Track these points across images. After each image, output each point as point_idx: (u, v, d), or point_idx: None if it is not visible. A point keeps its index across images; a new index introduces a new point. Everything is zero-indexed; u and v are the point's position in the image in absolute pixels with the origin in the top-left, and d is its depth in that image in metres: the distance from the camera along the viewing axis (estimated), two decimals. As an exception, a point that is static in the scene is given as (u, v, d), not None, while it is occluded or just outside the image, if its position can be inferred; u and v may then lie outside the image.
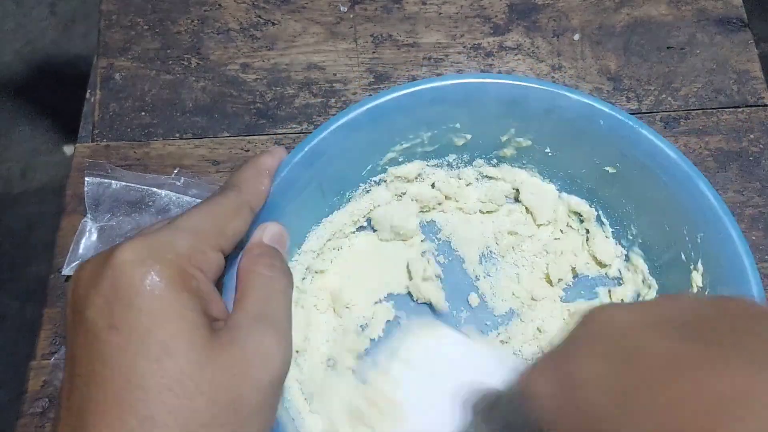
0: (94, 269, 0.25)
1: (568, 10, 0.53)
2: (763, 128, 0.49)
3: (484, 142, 0.41)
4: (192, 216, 0.27)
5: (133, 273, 0.24)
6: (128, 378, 0.23)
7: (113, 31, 0.52)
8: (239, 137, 0.48)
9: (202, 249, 0.26)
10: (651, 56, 0.51)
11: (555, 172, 0.42)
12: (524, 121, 0.39)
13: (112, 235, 0.44)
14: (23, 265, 1.12)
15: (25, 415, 0.40)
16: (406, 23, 0.52)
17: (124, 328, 0.23)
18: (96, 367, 0.23)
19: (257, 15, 0.52)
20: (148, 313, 0.23)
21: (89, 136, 0.48)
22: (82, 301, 0.24)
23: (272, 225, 0.31)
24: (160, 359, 0.23)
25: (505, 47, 0.52)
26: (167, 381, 0.23)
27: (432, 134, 0.39)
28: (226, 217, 0.28)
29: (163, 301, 0.24)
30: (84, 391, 0.23)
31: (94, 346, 0.23)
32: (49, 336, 0.42)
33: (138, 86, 0.50)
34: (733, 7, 0.53)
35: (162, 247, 0.25)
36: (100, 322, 0.23)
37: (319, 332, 0.39)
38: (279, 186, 0.33)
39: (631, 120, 0.37)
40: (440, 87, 0.37)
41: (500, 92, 0.37)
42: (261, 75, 0.50)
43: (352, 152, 0.38)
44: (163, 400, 0.22)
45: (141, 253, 0.24)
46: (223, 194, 0.29)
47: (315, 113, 0.49)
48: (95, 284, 0.24)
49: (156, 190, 0.45)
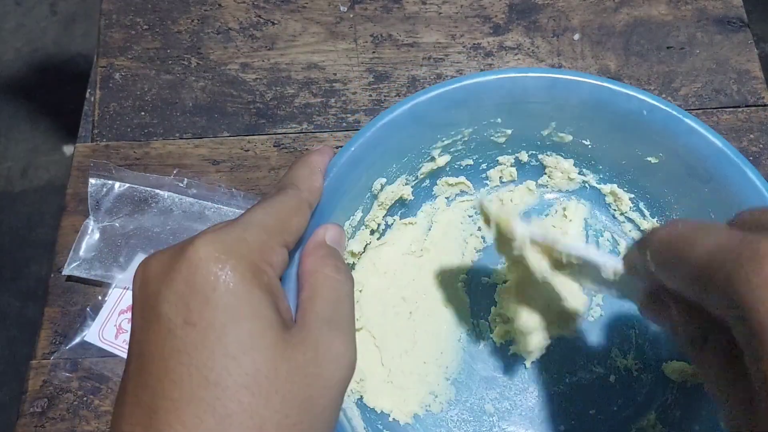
0: (165, 265, 0.24)
1: (568, 10, 0.53)
2: (762, 128, 0.49)
3: (525, 137, 0.41)
4: (257, 212, 0.27)
5: (208, 268, 0.23)
6: (205, 375, 0.22)
7: (113, 31, 0.52)
8: (239, 137, 0.48)
9: (271, 245, 0.26)
10: (651, 56, 0.51)
11: (594, 165, 0.42)
12: (565, 115, 0.39)
13: (114, 235, 0.44)
14: (23, 264, 1.13)
15: (24, 415, 0.40)
16: (406, 23, 0.52)
17: (200, 324, 0.23)
18: (170, 363, 0.23)
19: (257, 15, 0.53)
20: (224, 309, 0.23)
21: (89, 136, 0.48)
22: (154, 297, 0.24)
23: (333, 226, 0.31)
24: (237, 357, 0.23)
25: (505, 47, 0.52)
26: (244, 379, 0.23)
27: (473, 129, 0.39)
28: (288, 213, 0.28)
29: (239, 297, 0.24)
30: (157, 388, 0.23)
31: (168, 342, 0.23)
32: (49, 336, 0.42)
33: (138, 86, 0.50)
34: (733, 7, 0.53)
35: (235, 243, 0.25)
36: (175, 318, 0.23)
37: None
38: (328, 186, 0.33)
39: (675, 110, 0.36)
40: (484, 82, 0.37)
41: (540, 85, 0.37)
42: (261, 75, 0.50)
43: (394, 150, 0.38)
44: (240, 399, 0.22)
45: (215, 249, 0.24)
46: (282, 192, 0.29)
47: (315, 113, 0.49)
48: (168, 280, 0.24)
49: (158, 191, 0.46)
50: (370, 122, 0.36)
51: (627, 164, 0.40)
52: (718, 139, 0.36)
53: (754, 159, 0.48)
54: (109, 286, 0.43)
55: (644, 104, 0.37)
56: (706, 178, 0.37)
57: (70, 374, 0.41)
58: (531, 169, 0.43)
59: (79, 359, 0.42)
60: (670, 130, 0.37)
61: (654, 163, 0.39)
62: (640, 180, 0.41)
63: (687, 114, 0.36)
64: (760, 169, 0.47)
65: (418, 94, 0.37)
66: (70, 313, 0.43)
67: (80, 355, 0.42)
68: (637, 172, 0.40)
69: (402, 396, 0.38)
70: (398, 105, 0.36)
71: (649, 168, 0.39)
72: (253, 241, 0.25)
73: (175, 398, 0.22)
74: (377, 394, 0.38)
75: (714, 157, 0.36)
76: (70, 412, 0.40)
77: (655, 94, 0.50)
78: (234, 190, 0.46)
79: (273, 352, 0.23)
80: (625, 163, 0.40)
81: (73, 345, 0.42)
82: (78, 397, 0.41)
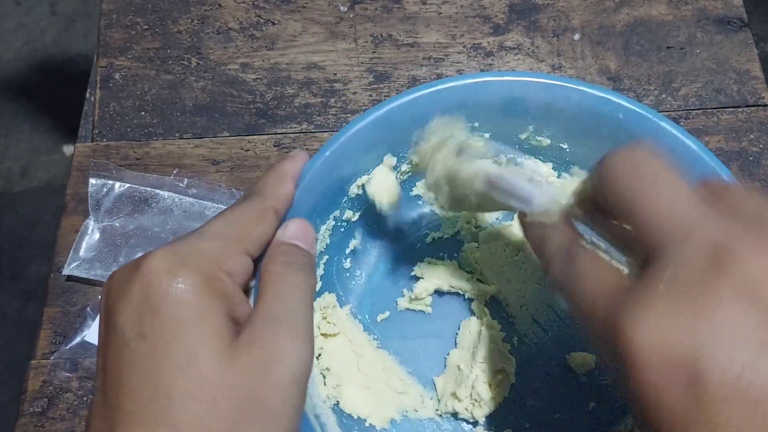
0: (124, 278, 0.25)
1: (568, 10, 0.53)
2: (763, 128, 0.49)
3: (502, 141, 0.41)
4: (217, 222, 0.28)
5: (160, 280, 0.24)
6: (155, 387, 0.23)
7: (113, 31, 0.52)
8: (239, 137, 0.48)
9: (229, 253, 0.26)
10: (651, 56, 0.51)
11: (572, 168, 0.42)
12: (542, 119, 0.38)
13: (114, 235, 0.44)
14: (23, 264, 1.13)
15: (24, 415, 0.40)
16: (406, 23, 0.52)
17: (150, 336, 0.23)
18: (124, 376, 0.23)
19: (257, 15, 0.53)
20: (173, 319, 0.24)
21: (89, 136, 0.48)
22: (112, 311, 0.25)
23: (292, 222, 0.31)
24: (183, 366, 0.23)
25: (505, 47, 0.52)
26: (190, 388, 0.23)
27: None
28: (250, 221, 0.29)
29: (188, 307, 0.24)
30: (114, 401, 0.23)
31: (123, 354, 0.24)
32: (49, 336, 0.42)
33: (138, 86, 0.50)
34: (733, 7, 0.53)
35: (189, 254, 0.25)
36: (129, 331, 0.24)
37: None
38: (302, 189, 0.33)
39: (651, 113, 0.36)
40: (460, 86, 0.37)
41: (513, 90, 0.37)
42: (261, 75, 0.50)
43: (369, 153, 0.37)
44: (186, 408, 0.23)
45: (168, 261, 0.24)
46: (246, 200, 0.30)
47: (315, 113, 0.49)
48: (125, 293, 0.24)
49: (158, 191, 0.46)
50: (347, 125, 0.36)
51: None
52: (693, 142, 0.36)
53: (754, 159, 0.48)
54: (109, 286, 0.43)
55: (620, 107, 0.37)
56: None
57: (70, 374, 0.41)
58: None
59: (79, 359, 0.42)
60: (645, 133, 0.36)
61: None
62: None
63: (662, 117, 0.36)
64: (760, 169, 0.48)
65: (392, 99, 0.36)
66: (70, 313, 0.43)
67: (80, 355, 0.42)
68: None
69: (379, 401, 0.38)
70: (372, 110, 0.36)
71: None
72: (209, 251, 0.26)
73: (129, 410, 0.23)
74: (354, 400, 0.37)
75: (689, 160, 0.36)
76: (70, 412, 0.40)
77: (655, 94, 0.50)
78: (234, 190, 0.46)
79: (219, 359, 0.24)
80: None
81: (73, 345, 0.42)
82: (78, 397, 0.41)
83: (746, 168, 0.47)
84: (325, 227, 0.37)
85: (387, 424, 0.38)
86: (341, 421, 0.36)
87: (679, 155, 0.36)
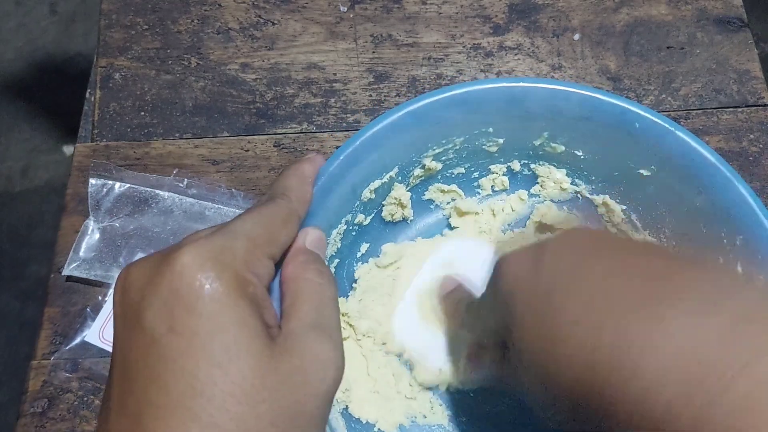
0: (149, 272, 0.24)
1: (568, 10, 0.53)
2: (763, 128, 0.49)
3: (517, 147, 0.41)
4: (246, 222, 0.27)
5: (192, 277, 0.23)
6: (191, 383, 0.22)
7: (113, 31, 0.52)
8: (239, 137, 0.48)
9: (258, 256, 0.26)
10: (651, 56, 0.51)
11: (586, 176, 0.42)
12: (558, 125, 0.38)
13: (114, 235, 0.44)
14: (23, 264, 1.13)
15: (25, 415, 0.40)
16: (406, 23, 0.52)
17: (185, 332, 0.23)
18: (156, 370, 0.23)
19: (257, 15, 0.53)
20: (209, 317, 0.23)
21: (89, 136, 0.48)
22: (136, 305, 0.24)
23: (312, 230, 0.31)
24: (224, 365, 0.23)
25: (505, 47, 0.52)
26: (231, 387, 0.22)
27: (464, 138, 0.39)
28: (278, 224, 0.28)
29: (224, 306, 0.23)
30: (142, 395, 0.23)
31: (152, 349, 0.23)
32: (49, 336, 0.42)
33: (138, 86, 0.50)
34: (733, 7, 0.53)
35: (221, 252, 0.24)
36: (160, 325, 0.23)
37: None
38: (317, 192, 0.33)
39: (667, 122, 0.36)
40: (477, 91, 0.37)
41: (533, 95, 0.37)
42: (261, 75, 0.50)
43: (384, 158, 0.37)
44: (227, 408, 0.22)
45: (200, 257, 0.24)
46: (272, 202, 0.29)
47: (315, 113, 0.49)
48: (152, 288, 0.24)
49: (158, 192, 0.46)
50: (362, 129, 0.36)
51: (619, 176, 0.40)
52: (710, 153, 0.36)
53: (754, 159, 0.48)
54: (109, 286, 0.43)
55: (636, 117, 0.37)
56: (697, 191, 0.36)
57: (71, 374, 0.41)
58: (523, 179, 0.43)
59: (80, 359, 0.42)
60: (662, 143, 0.36)
61: (646, 175, 0.39)
62: (632, 192, 0.40)
63: (679, 127, 0.36)
64: (760, 169, 0.48)
65: (410, 102, 0.36)
66: (70, 314, 0.43)
67: (80, 356, 0.42)
68: (629, 184, 0.40)
69: (388, 406, 0.38)
70: (389, 113, 0.36)
71: (641, 180, 0.39)
72: (240, 251, 0.25)
73: (161, 405, 0.22)
74: (363, 404, 0.37)
75: (706, 171, 0.36)
76: (71, 413, 0.40)
77: (655, 94, 0.50)
78: (234, 190, 0.46)
79: (259, 361, 0.23)
80: (617, 174, 0.40)
81: (74, 345, 0.42)
82: (78, 397, 0.41)
83: (746, 168, 0.47)
84: (336, 231, 0.37)
85: (396, 430, 0.38)
86: (350, 425, 0.36)
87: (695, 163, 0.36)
